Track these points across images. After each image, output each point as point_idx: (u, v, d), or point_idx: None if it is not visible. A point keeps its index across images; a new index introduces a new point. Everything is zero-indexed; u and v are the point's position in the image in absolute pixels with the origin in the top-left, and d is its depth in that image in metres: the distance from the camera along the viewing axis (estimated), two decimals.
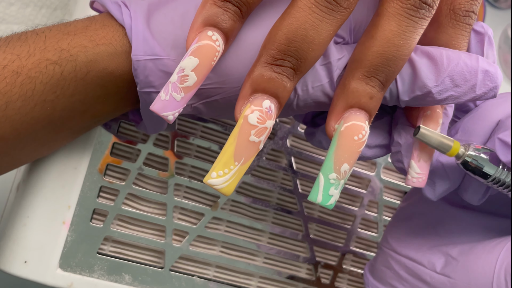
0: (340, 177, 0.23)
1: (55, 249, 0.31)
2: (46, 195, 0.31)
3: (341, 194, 0.38)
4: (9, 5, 0.41)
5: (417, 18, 0.23)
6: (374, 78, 0.23)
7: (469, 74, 0.24)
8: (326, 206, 0.23)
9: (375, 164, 0.39)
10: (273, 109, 0.22)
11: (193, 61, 0.22)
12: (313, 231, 0.38)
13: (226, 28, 0.23)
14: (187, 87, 0.22)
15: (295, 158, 0.36)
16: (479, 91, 0.25)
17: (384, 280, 0.31)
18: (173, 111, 0.23)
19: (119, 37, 0.25)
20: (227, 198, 0.35)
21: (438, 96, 0.24)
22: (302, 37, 0.22)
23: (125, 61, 0.25)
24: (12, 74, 0.24)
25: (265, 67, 0.22)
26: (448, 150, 0.25)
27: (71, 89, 0.25)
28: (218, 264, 0.36)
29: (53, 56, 0.24)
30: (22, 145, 0.26)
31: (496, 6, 0.61)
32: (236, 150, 0.22)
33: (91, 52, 0.25)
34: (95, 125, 0.29)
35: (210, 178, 0.22)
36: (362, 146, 0.23)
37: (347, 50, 0.25)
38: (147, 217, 0.34)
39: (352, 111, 0.23)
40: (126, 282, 0.33)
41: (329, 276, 0.38)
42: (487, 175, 0.26)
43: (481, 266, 0.28)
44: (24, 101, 0.24)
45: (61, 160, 0.31)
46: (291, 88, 0.23)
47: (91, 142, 0.32)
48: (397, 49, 0.23)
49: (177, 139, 0.34)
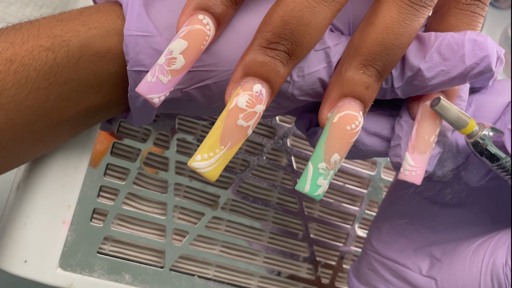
0: (330, 168, 0.22)
1: (55, 249, 0.31)
2: (46, 194, 0.31)
3: (341, 194, 0.38)
4: (9, 5, 0.41)
5: (419, 6, 0.22)
6: (371, 67, 0.22)
7: (456, 45, 0.23)
8: (313, 196, 0.22)
9: (376, 164, 0.39)
10: (264, 93, 0.22)
11: (182, 44, 0.22)
12: (313, 231, 0.38)
13: (218, 13, 0.22)
14: (175, 70, 0.22)
15: (295, 157, 0.36)
16: (468, 61, 0.23)
17: (369, 284, 0.31)
18: (159, 94, 0.22)
19: (112, 20, 0.25)
20: (227, 198, 0.35)
21: (428, 73, 0.24)
22: (298, 19, 0.21)
23: (117, 43, 0.25)
24: (6, 61, 0.23)
25: (258, 50, 0.22)
26: (464, 126, 0.24)
27: (64, 76, 0.24)
28: (218, 263, 0.36)
29: (46, 42, 0.24)
30: (18, 139, 0.25)
31: (496, 6, 0.61)
32: (223, 134, 0.22)
33: (84, 36, 0.24)
34: (92, 122, 0.29)
35: (194, 161, 0.22)
36: (355, 136, 0.23)
37: (345, 37, 0.24)
38: (147, 216, 0.34)
39: (346, 100, 0.23)
40: (126, 282, 0.33)
41: (329, 276, 0.38)
42: (495, 159, 0.25)
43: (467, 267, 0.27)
44: (18, 89, 0.24)
45: (61, 159, 0.31)
46: (285, 73, 0.22)
47: (91, 141, 0.32)
48: (397, 37, 0.22)
49: (177, 138, 0.34)
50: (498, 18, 0.59)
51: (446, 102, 0.24)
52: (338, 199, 0.38)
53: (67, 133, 0.28)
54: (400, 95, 0.25)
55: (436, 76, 0.24)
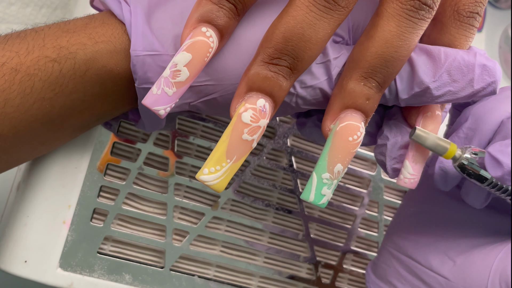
0: (333, 177, 0.23)
1: (55, 249, 0.31)
2: (47, 194, 0.31)
3: (341, 194, 0.38)
4: (10, 5, 0.41)
5: (417, 19, 0.22)
6: (371, 79, 0.23)
7: (466, 68, 0.24)
8: (318, 205, 0.23)
9: (376, 164, 0.39)
10: (268, 108, 0.22)
11: (186, 57, 0.22)
12: (313, 231, 0.38)
13: (221, 25, 0.23)
14: (179, 82, 0.22)
15: (295, 157, 0.36)
16: (477, 86, 0.24)
17: (384, 278, 0.31)
18: (165, 105, 0.23)
19: (118, 35, 0.25)
20: (227, 198, 0.35)
21: (436, 92, 0.24)
22: (299, 36, 0.22)
23: (124, 59, 0.25)
24: (11, 71, 0.24)
25: (261, 65, 0.22)
26: (444, 152, 0.25)
27: (70, 87, 0.25)
28: (218, 263, 0.36)
29: (52, 53, 0.24)
30: (20, 143, 0.25)
31: (496, 6, 0.61)
32: (229, 148, 0.22)
33: (90, 50, 0.25)
34: (95, 124, 0.29)
35: (202, 175, 0.22)
36: (357, 147, 0.23)
37: (346, 49, 0.25)
38: (148, 216, 0.33)
39: (348, 111, 0.23)
40: (126, 282, 0.33)
41: (330, 276, 0.38)
42: (483, 179, 0.25)
43: (476, 270, 0.27)
44: (23, 99, 0.24)
45: (62, 159, 0.31)
46: (287, 87, 0.23)
47: (91, 141, 0.32)
48: (396, 50, 0.22)
49: (178, 138, 0.34)
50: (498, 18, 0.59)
51: (421, 131, 0.25)
52: (338, 199, 0.38)
53: (69, 136, 0.29)
54: (402, 105, 0.25)
55: (443, 95, 0.25)
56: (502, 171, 0.25)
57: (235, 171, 0.23)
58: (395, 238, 0.32)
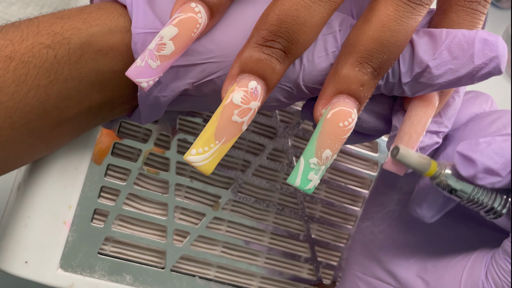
0: (321, 163, 0.23)
1: (56, 249, 0.31)
2: (47, 195, 0.31)
3: (342, 194, 0.38)
4: (10, 5, 0.41)
5: (415, 4, 0.22)
6: (367, 65, 0.22)
7: (466, 44, 0.23)
8: (304, 190, 0.23)
9: (377, 164, 0.39)
10: (259, 90, 0.22)
11: (172, 31, 0.22)
12: (314, 231, 0.38)
13: (211, 2, 0.23)
14: (164, 55, 0.22)
15: (296, 158, 0.36)
16: (477, 61, 0.23)
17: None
18: (148, 78, 0.22)
19: (114, 17, 0.25)
20: (228, 198, 0.35)
21: (436, 70, 0.24)
22: (293, 18, 0.22)
23: (120, 40, 0.25)
24: (5, 59, 0.23)
25: (254, 47, 0.22)
26: (426, 170, 0.25)
27: (65, 74, 0.24)
28: (219, 264, 0.36)
29: (46, 40, 0.24)
30: (17, 138, 0.25)
31: (498, 6, 0.61)
32: (218, 129, 0.22)
33: (85, 33, 0.24)
34: (94, 122, 0.28)
35: (190, 155, 0.22)
36: (348, 133, 0.23)
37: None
38: (148, 217, 0.33)
39: (341, 97, 0.23)
40: (127, 283, 0.33)
41: (331, 277, 0.38)
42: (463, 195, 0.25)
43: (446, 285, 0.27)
44: (18, 86, 0.24)
45: (62, 160, 0.31)
46: (281, 71, 0.22)
47: (92, 142, 0.32)
48: (393, 34, 0.22)
49: (178, 138, 0.34)
50: (499, 18, 0.59)
51: (404, 149, 0.25)
52: (339, 200, 0.38)
53: (68, 134, 0.28)
54: (408, 93, 0.25)
55: (444, 74, 0.24)
56: (475, 169, 0.24)
57: (223, 154, 0.22)
58: (360, 260, 0.31)
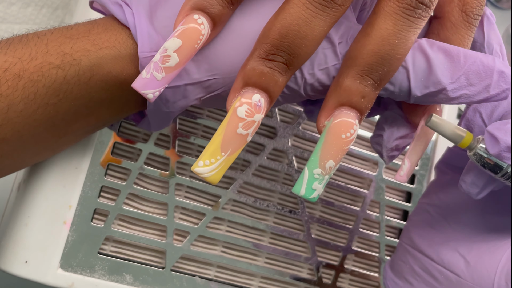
0: (325, 173, 0.23)
1: (56, 249, 0.31)
2: (47, 195, 0.31)
3: (343, 194, 0.38)
4: (10, 5, 0.41)
5: (414, 17, 0.23)
6: (367, 77, 0.23)
7: (484, 73, 0.24)
8: (309, 199, 0.24)
9: (377, 164, 0.39)
10: (263, 103, 0.23)
11: (176, 42, 0.23)
12: (314, 231, 0.38)
13: (214, 13, 0.23)
14: (169, 67, 0.23)
15: (296, 157, 0.36)
16: (492, 92, 0.25)
17: (400, 275, 0.32)
18: (153, 89, 0.23)
19: (122, 40, 0.25)
20: (228, 198, 0.35)
21: (452, 93, 0.24)
22: (295, 33, 0.22)
23: (130, 64, 0.25)
24: (14, 77, 0.23)
25: (257, 61, 0.23)
26: (459, 141, 0.25)
27: (74, 93, 0.25)
28: (219, 264, 0.36)
29: (55, 60, 0.24)
30: (24, 148, 0.25)
31: (498, 6, 0.61)
32: (224, 141, 0.23)
33: (94, 56, 0.24)
34: (99, 128, 0.29)
35: (197, 167, 0.23)
36: (350, 144, 0.23)
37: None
38: (148, 217, 0.33)
39: (343, 109, 0.23)
40: (127, 282, 0.33)
41: (331, 276, 0.38)
42: (497, 169, 0.25)
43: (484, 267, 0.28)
44: (26, 104, 0.24)
45: (62, 160, 0.31)
46: (283, 83, 0.23)
47: (92, 142, 0.32)
48: (392, 48, 0.23)
49: (178, 138, 0.34)
50: (499, 18, 0.59)
51: (438, 118, 0.25)
52: (339, 200, 0.38)
53: (73, 141, 0.29)
54: (411, 102, 0.25)
55: (458, 97, 0.25)
56: (499, 147, 0.25)
57: (229, 165, 0.23)
58: (411, 234, 0.32)
